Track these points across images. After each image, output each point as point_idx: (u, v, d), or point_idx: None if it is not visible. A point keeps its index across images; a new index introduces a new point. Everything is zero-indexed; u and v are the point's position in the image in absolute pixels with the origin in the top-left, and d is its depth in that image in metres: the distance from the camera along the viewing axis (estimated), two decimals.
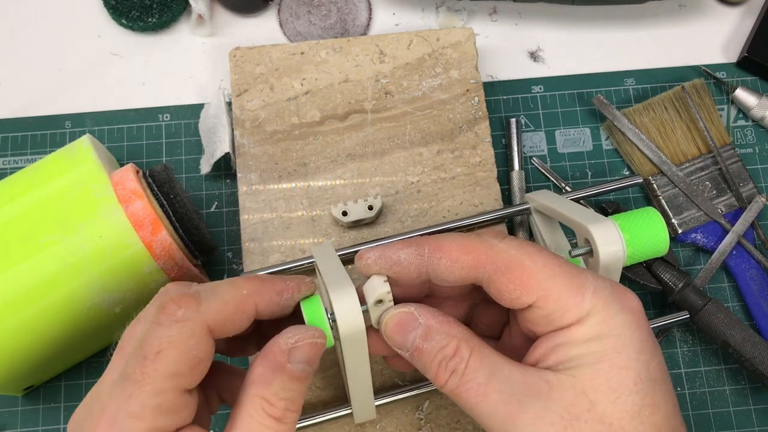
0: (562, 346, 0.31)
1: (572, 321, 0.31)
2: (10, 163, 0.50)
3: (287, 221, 0.46)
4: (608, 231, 0.34)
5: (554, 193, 0.41)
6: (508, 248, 0.32)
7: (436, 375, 0.32)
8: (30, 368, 0.41)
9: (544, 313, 0.31)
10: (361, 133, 0.48)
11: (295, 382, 0.31)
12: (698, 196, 0.48)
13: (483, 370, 0.31)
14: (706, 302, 0.45)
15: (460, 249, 0.33)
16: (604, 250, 0.34)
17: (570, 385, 0.30)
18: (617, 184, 0.44)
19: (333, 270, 0.34)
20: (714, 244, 0.48)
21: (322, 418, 0.40)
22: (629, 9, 0.55)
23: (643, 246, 0.35)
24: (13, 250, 0.39)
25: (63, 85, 0.53)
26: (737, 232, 0.48)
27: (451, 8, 0.55)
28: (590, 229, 0.35)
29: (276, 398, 0.30)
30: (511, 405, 0.30)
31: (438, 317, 0.33)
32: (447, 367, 0.31)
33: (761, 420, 0.46)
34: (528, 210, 0.43)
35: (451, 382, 0.31)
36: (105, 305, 0.40)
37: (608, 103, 0.50)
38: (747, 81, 0.53)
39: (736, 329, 0.44)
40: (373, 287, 0.33)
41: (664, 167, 0.49)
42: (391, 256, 0.34)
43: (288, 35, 0.54)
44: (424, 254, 0.33)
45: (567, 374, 0.30)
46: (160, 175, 0.42)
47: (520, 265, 0.32)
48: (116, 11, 0.53)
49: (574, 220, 0.36)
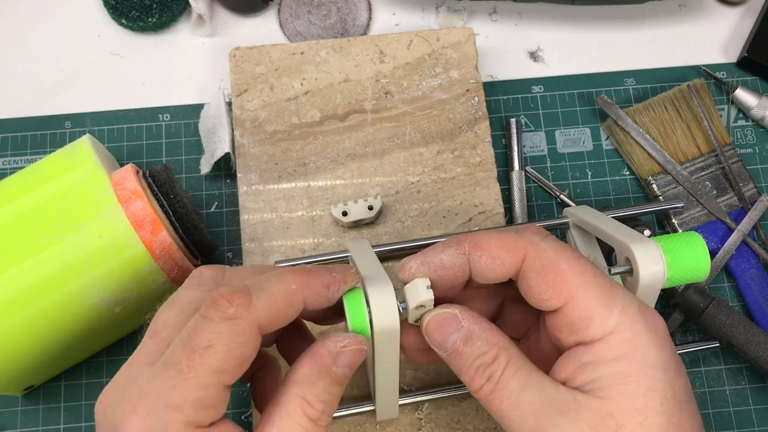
0: (588, 365, 0.31)
1: (596, 334, 0.31)
2: (10, 163, 0.50)
3: (287, 221, 0.46)
4: (650, 252, 0.34)
5: (594, 209, 0.41)
6: (549, 248, 0.32)
7: (471, 379, 0.32)
8: (30, 368, 0.41)
9: (569, 321, 0.31)
10: (361, 133, 0.48)
11: (335, 386, 0.31)
12: (702, 195, 0.48)
13: (517, 380, 0.31)
14: (709, 302, 0.45)
15: (500, 246, 0.33)
16: (645, 270, 0.34)
17: (598, 406, 0.30)
18: (657, 206, 0.45)
19: (370, 265, 0.34)
20: (714, 244, 0.48)
21: (343, 412, 0.40)
22: (629, 9, 0.55)
23: (683, 270, 0.35)
24: (13, 250, 0.39)
25: (63, 85, 0.53)
26: (742, 231, 0.48)
27: (451, 8, 0.55)
28: (632, 248, 0.34)
29: (316, 400, 0.31)
30: (541, 418, 0.30)
31: (481, 323, 0.33)
32: (484, 373, 0.31)
33: (761, 420, 0.46)
34: (566, 224, 0.43)
35: (486, 388, 0.31)
36: (105, 305, 0.40)
37: (611, 103, 0.50)
38: (747, 81, 0.53)
39: (740, 329, 0.44)
40: (416, 291, 0.33)
41: (668, 166, 0.49)
42: (433, 260, 0.34)
43: (288, 35, 0.54)
44: (464, 252, 0.33)
45: (595, 395, 0.30)
46: (160, 175, 0.42)
47: (556, 267, 0.32)
48: (116, 11, 0.53)
49: (616, 238, 0.36)
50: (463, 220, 0.46)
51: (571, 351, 0.32)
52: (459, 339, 0.32)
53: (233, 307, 0.29)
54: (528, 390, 0.30)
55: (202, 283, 0.33)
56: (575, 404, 0.30)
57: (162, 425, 0.28)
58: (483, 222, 0.46)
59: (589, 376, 0.30)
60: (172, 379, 0.28)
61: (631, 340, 0.30)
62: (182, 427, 0.28)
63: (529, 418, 0.30)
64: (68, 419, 0.45)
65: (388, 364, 0.35)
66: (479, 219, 0.46)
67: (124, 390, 0.30)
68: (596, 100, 0.51)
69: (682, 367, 0.32)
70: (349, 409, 0.40)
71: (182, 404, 0.28)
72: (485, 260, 0.33)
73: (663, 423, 0.29)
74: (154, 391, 0.28)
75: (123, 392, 0.30)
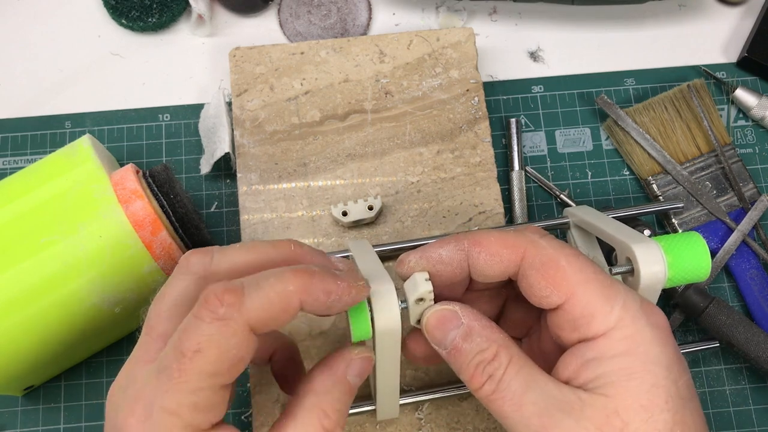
0: (591, 362, 0.30)
1: (598, 331, 0.31)
2: (10, 163, 0.50)
3: (287, 221, 0.46)
4: (651, 252, 0.34)
5: (595, 209, 0.41)
6: (548, 246, 0.32)
7: (471, 377, 0.32)
8: (30, 368, 0.41)
9: (570, 318, 0.31)
10: (361, 133, 0.48)
11: (348, 396, 0.32)
12: (702, 195, 0.48)
13: (519, 380, 0.31)
14: (709, 302, 0.45)
15: (499, 243, 0.33)
16: (646, 270, 0.34)
17: (602, 404, 0.30)
18: (657, 206, 0.45)
19: (371, 265, 0.34)
20: (714, 244, 0.48)
21: None
22: (629, 9, 0.55)
23: (684, 270, 0.35)
24: (13, 250, 0.39)
25: (63, 85, 0.53)
26: (742, 231, 0.48)
27: (451, 8, 0.55)
28: (633, 248, 0.34)
29: (332, 410, 0.31)
30: (545, 418, 0.30)
31: (480, 320, 0.33)
32: (484, 371, 0.31)
33: (761, 420, 0.46)
34: (567, 225, 0.43)
35: (487, 388, 0.31)
36: (105, 305, 0.40)
37: (612, 103, 0.50)
38: (747, 81, 0.53)
39: (740, 329, 0.44)
40: (415, 285, 0.33)
41: (668, 166, 0.49)
42: (432, 255, 0.34)
43: (288, 35, 0.54)
44: (463, 249, 0.33)
45: (599, 393, 0.30)
46: (160, 175, 0.42)
47: (555, 264, 0.32)
48: (116, 11, 0.53)
49: (617, 238, 0.36)
50: (463, 220, 0.46)
51: (573, 348, 0.32)
52: (458, 335, 0.32)
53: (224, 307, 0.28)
54: (531, 390, 0.30)
55: (190, 269, 0.32)
56: (579, 403, 0.30)
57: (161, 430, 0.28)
58: (483, 222, 0.46)
59: (593, 373, 0.30)
60: (165, 384, 0.28)
61: (633, 337, 0.30)
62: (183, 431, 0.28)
63: (532, 418, 0.30)
64: (68, 419, 0.45)
65: (389, 365, 0.35)
66: (479, 219, 0.46)
67: (125, 389, 0.30)
68: (596, 100, 0.51)
69: (685, 364, 0.31)
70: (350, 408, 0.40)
71: (177, 409, 0.28)
72: (484, 257, 0.33)
73: (668, 420, 0.29)
74: (147, 394, 0.28)
75: (124, 392, 0.30)
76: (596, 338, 0.31)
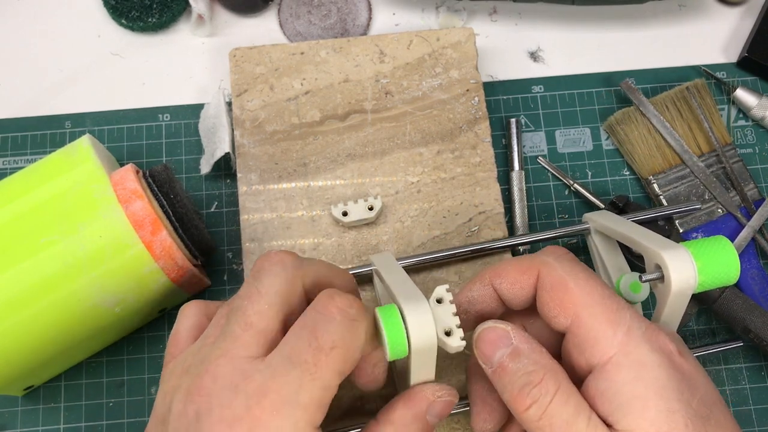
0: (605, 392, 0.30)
1: (602, 355, 0.31)
2: (10, 163, 0.50)
3: (287, 221, 0.46)
4: (682, 258, 0.34)
5: (614, 214, 0.41)
6: (559, 267, 0.33)
7: (515, 398, 0.31)
8: (30, 368, 0.41)
9: (576, 341, 0.32)
10: (361, 133, 0.48)
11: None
12: (716, 188, 0.49)
13: (569, 410, 0.30)
14: (723, 289, 0.45)
15: (516, 270, 0.34)
16: (677, 277, 0.34)
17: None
18: (675, 209, 0.45)
19: (402, 282, 0.34)
20: None
21: None
22: (629, 9, 0.55)
23: (714, 274, 0.34)
24: (13, 250, 0.39)
25: (63, 85, 0.53)
26: (753, 227, 0.48)
27: (451, 8, 0.55)
28: (663, 255, 0.34)
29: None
30: None
31: (530, 343, 0.33)
32: (529, 394, 0.31)
33: (761, 420, 0.46)
34: (587, 230, 0.43)
35: (533, 413, 0.31)
36: (105, 305, 0.40)
37: (636, 88, 0.50)
38: (747, 81, 0.53)
39: (756, 314, 0.45)
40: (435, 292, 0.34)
41: (685, 156, 0.49)
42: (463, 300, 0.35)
43: (288, 35, 0.54)
44: (488, 283, 0.35)
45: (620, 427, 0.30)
46: (160, 175, 0.42)
47: (564, 286, 0.32)
48: (116, 11, 0.53)
49: (644, 245, 0.35)
50: (463, 220, 0.46)
51: (586, 381, 0.32)
52: (506, 354, 0.32)
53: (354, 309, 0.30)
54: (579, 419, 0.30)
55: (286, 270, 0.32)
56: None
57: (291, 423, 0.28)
58: (483, 222, 0.46)
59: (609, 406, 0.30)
60: (300, 378, 0.28)
61: (640, 362, 0.30)
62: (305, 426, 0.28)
63: None
64: (68, 419, 0.45)
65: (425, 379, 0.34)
66: (479, 219, 0.46)
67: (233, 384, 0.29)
68: (621, 84, 0.51)
69: (700, 378, 0.31)
70: None
71: (309, 404, 0.28)
72: (506, 286, 0.34)
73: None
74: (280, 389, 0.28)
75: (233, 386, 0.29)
76: (604, 365, 0.31)
